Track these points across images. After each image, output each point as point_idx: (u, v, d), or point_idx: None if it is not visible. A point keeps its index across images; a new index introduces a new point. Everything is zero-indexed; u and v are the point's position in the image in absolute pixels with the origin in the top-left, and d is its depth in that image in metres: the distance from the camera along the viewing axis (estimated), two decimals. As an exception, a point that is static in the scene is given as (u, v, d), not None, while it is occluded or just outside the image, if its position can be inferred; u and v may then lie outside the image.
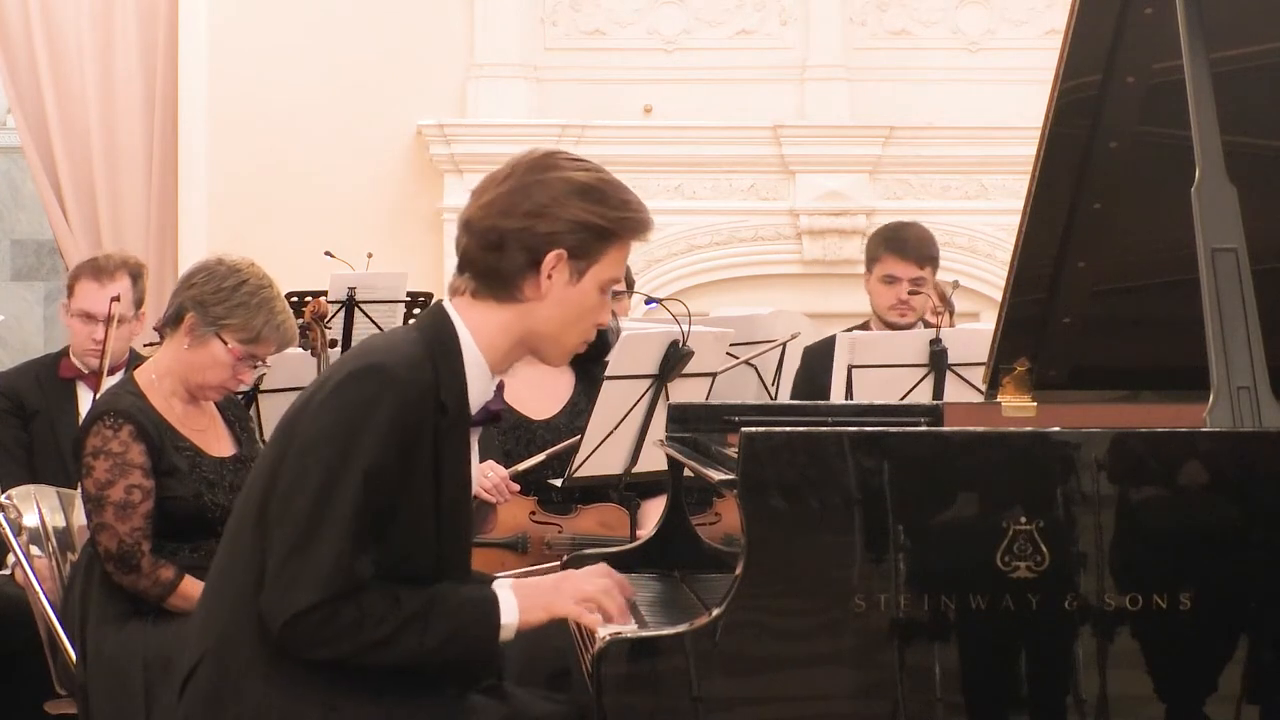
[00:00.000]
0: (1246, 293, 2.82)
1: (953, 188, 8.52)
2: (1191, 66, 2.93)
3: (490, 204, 2.79)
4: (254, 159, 8.45)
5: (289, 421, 2.80)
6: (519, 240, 2.76)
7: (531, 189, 2.77)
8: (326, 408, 2.72)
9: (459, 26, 8.52)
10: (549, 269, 2.77)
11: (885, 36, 8.57)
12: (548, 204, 2.76)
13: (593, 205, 2.78)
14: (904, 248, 5.58)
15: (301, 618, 2.66)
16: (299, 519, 2.68)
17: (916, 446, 2.67)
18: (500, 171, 2.83)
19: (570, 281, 2.78)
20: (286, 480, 2.71)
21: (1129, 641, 2.62)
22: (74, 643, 3.97)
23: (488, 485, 4.42)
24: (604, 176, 2.84)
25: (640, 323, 5.61)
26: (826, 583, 2.61)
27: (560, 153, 2.87)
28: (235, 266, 4.01)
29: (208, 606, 2.85)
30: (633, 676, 2.64)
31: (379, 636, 2.68)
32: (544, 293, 2.78)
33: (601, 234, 2.79)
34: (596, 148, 8.33)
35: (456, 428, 2.79)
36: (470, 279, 2.82)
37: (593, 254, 2.79)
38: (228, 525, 2.89)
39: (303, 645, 2.69)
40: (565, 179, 2.78)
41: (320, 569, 2.66)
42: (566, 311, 2.80)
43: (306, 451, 2.71)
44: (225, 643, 2.76)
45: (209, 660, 2.77)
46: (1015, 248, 3.31)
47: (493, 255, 2.78)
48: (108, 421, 3.89)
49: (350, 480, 2.67)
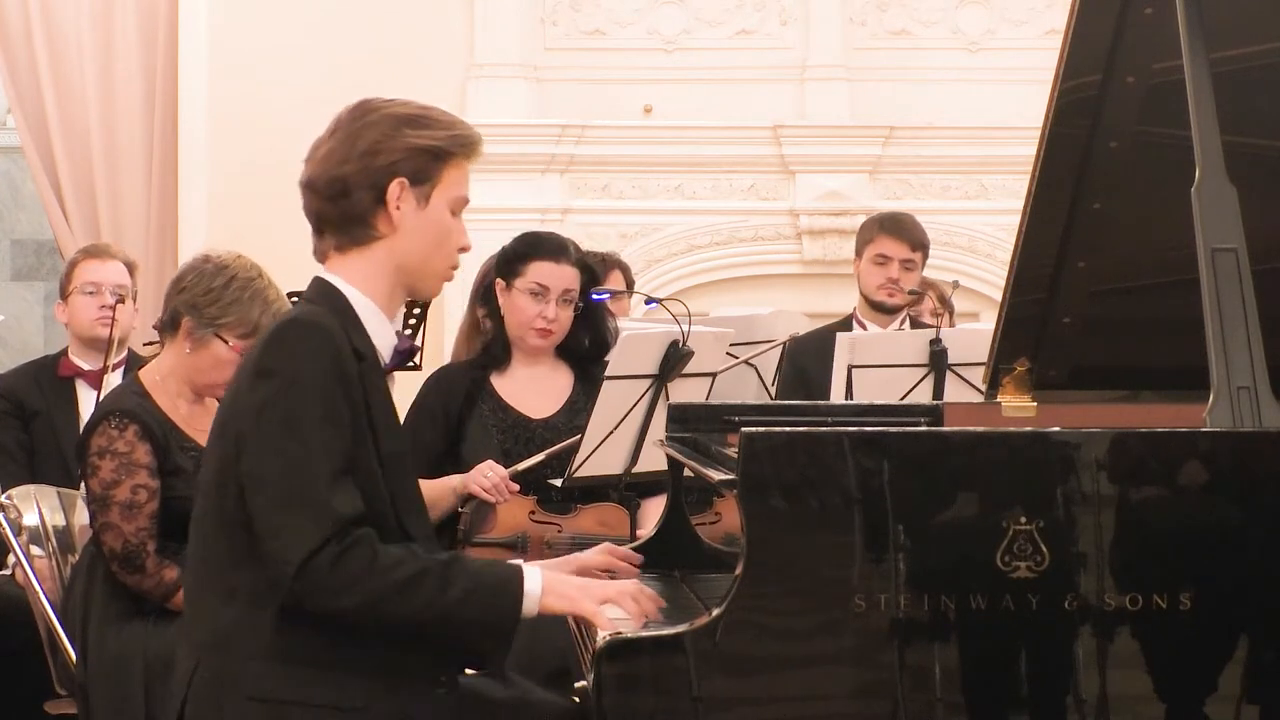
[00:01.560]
0: (1246, 293, 2.82)
1: (953, 188, 8.52)
2: (1191, 66, 2.93)
3: (325, 158, 2.90)
4: (254, 159, 8.44)
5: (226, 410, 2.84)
6: (360, 181, 2.86)
7: (359, 132, 2.88)
8: (261, 374, 2.76)
9: (459, 26, 8.52)
10: (395, 199, 2.86)
11: (885, 36, 8.56)
12: (378, 139, 2.86)
13: (420, 130, 2.88)
14: (899, 229, 5.64)
15: (313, 560, 2.66)
16: (275, 478, 2.70)
17: (916, 446, 2.67)
18: (325, 131, 2.94)
19: (419, 207, 2.87)
20: (250, 455, 2.73)
21: (1129, 641, 2.62)
22: (74, 643, 3.97)
23: (487, 485, 4.42)
24: (423, 105, 2.96)
25: (640, 323, 5.61)
26: (826, 583, 2.61)
27: (375, 98, 2.98)
28: (222, 263, 4.00)
29: (192, 614, 2.85)
30: (633, 676, 2.64)
31: (395, 579, 2.68)
32: (397, 224, 2.87)
33: (435, 154, 2.88)
34: (596, 148, 8.34)
35: (375, 373, 2.85)
36: (330, 235, 2.92)
37: (432, 176, 2.88)
38: (192, 529, 2.88)
39: (318, 595, 2.68)
40: (388, 114, 2.90)
41: (313, 506, 2.68)
42: (425, 238, 2.88)
43: (258, 418, 2.74)
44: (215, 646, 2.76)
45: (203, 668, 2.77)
46: (1015, 248, 3.31)
47: (342, 203, 2.88)
48: (113, 421, 3.90)
49: (311, 427, 2.70)
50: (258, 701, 2.72)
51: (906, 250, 5.62)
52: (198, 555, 2.84)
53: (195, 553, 2.85)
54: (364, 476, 2.76)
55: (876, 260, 5.64)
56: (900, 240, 5.63)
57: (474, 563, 2.82)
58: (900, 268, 5.61)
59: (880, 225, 5.71)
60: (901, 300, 5.63)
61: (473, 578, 2.75)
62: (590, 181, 8.43)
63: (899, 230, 5.65)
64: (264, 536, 2.71)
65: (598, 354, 4.63)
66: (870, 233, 5.71)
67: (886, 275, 5.61)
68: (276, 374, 2.75)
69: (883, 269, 5.62)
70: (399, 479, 2.84)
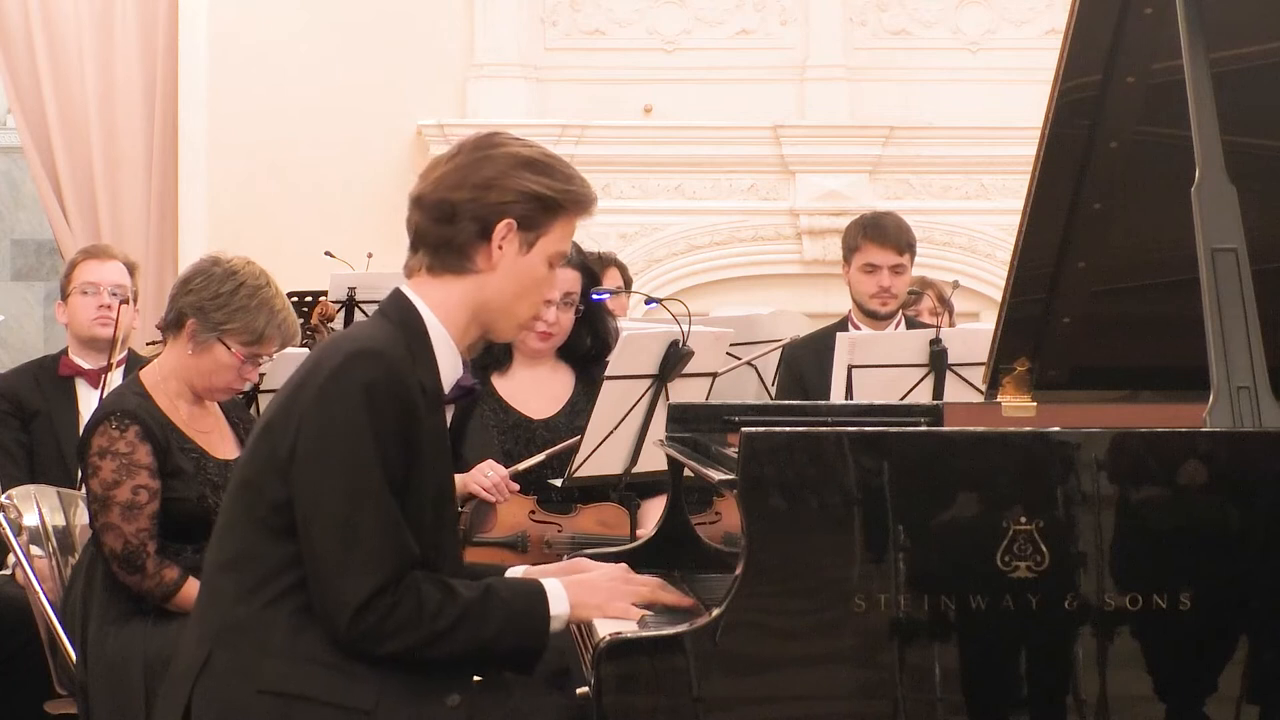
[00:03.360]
0: (1246, 293, 2.82)
1: (953, 188, 8.53)
2: (1191, 66, 2.93)
3: (440, 179, 2.87)
4: (254, 159, 8.45)
5: (274, 421, 2.81)
6: (470, 211, 2.84)
7: (480, 163, 2.86)
8: (329, 397, 2.74)
9: (459, 26, 8.53)
10: (500, 239, 2.84)
11: (885, 36, 8.57)
12: (496, 176, 2.85)
13: (539, 177, 2.87)
14: (883, 235, 5.58)
15: (366, 609, 2.68)
16: (336, 517, 2.70)
17: (916, 446, 2.66)
18: (448, 151, 2.92)
19: (520, 252, 2.86)
20: (308, 478, 2.72)
21: (1129, 641, 2.62)
22: (74, 643, 3.97)
23: (487, 485, 4.42)
24: (548, 152, 2.94)
25: (640, 323, 5.61)
26: (826, 583, 2.61)
27: (505, 133, 2.96)
28: (231, 269, 4.00)
29: (208, 605, 2.85)
30: (633, 676, 2.64)
31: (440, 627, 2.72)
32: (495, 263, 2.85)
33: (549, 205, 2.87)
34: (596, 148, 8.34)
35: (435, 409, 2.84)
36: (425, 255, 2.89)
37: (541, 225, 2.87)
38: (217, 524, 2.89)
39: (368, 642, 2.70)
40: (512, 153, 2.88)
41: (372, 554, 2.69)
42: (518, 283, 2.87)
43: (320, 444, 2.72)
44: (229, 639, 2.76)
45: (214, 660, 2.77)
46: (1015, 248, 3.31)
47: (445, 228, 2.85)
48: (114, 422, 3.89)
49: (374, 466, 2.70)
50: (268, 695, 2.72)
51: (894, 256, 5.58)
52: (221, 547, 2.84)
53: (219, 544, 2.85)
54: (411, 512, 2.76)
55: (865, 269, 5.59)
56: (886, 247, 5.57)
57: (504, 591, 2.82)
58: (890, 274, 5.58)
59: (864, 232, 5.63)
60: (895, 306, 5.62)
61: (505, 608, 2.78)
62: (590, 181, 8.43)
63: (883, 237, 5.58)
64: (318, 576, 2.72)
65: (599, 354, 4.63)
66: (855, 239, 5.64)
67: (878, 284, 5.57)
68: (345, 404, 2.72)
69: (872, 277, 5.58)
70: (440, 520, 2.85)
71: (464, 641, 2.74)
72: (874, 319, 5.61)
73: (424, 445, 2.78)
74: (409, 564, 2.72)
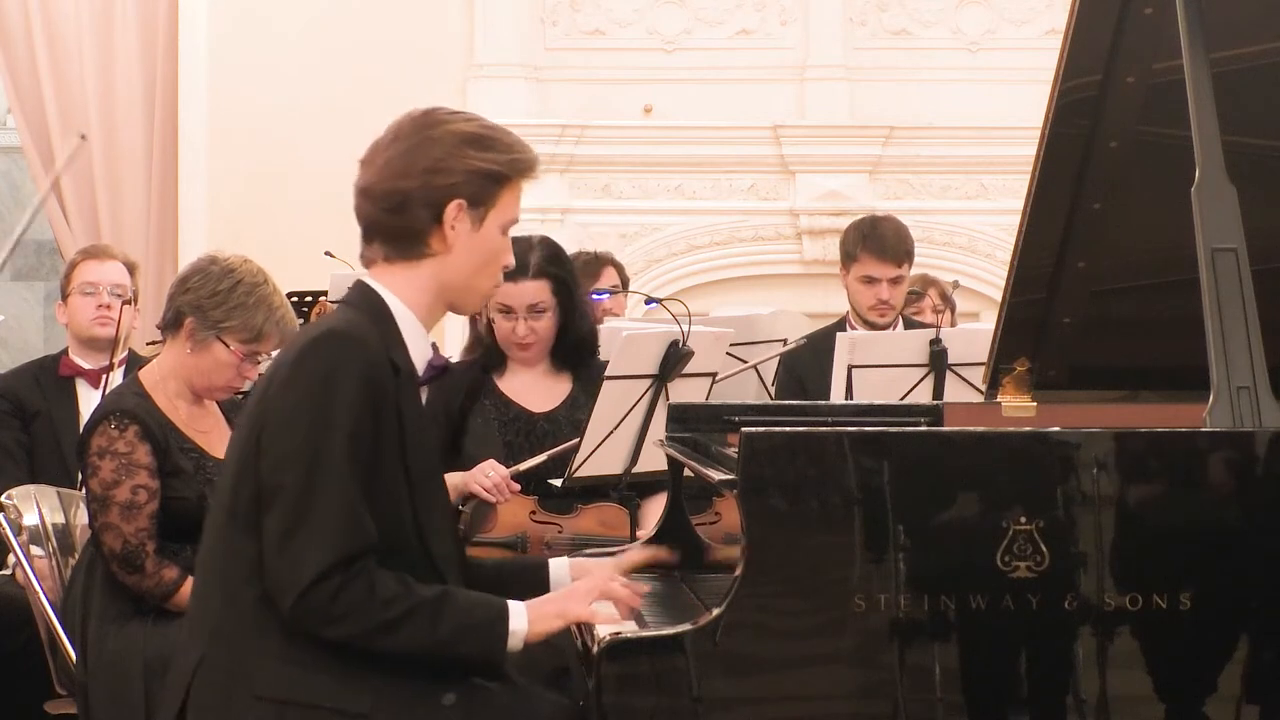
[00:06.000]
0: (1246, 293, 2.82)
1: (953, 188, 8.52)
2: (1191, 66, 2.93)
3: (384, 167, 2.87)
4: (254, 159, 8.45)
5: (253, 409, 2.83)
6: (420, 198, 2.84)
7: (423, 145, 2.86)
8: (293, 381, 2.76)
9: (459, 26, 8.53)
10: (451, 220, 2.85)
11: (885, 36, 8.57)
12: (442, 158, 2.85)
13: (484, 152, 2.87)
14: (882, 247, 5.55)
15: (313, 589, 2.67)
16: (293, 492, 2.70)
17: (916, 446, 2.67)
18: (385, 135, 2.91)
19: (473, 229, 2.87)
20: (270, 459, 2.73)
21: (1129, 641, 2.63)
22: (74, 643, 3.97)
23: (488, 485, 4.42)
24: (487, 123, 2.93)
25: (640, 323, 5.61)
26: (826, 583, 2.61)
27: (441, 108, 2.95)
28: (229, 267, 4.00)
29: (199, 607, 2.85)
30: (633, 676, 2.64)
31: (389, 617, 2.70)
32: (450, 244, 2.86)
33: (496, 178, 2.87)
34: (596, 148, 8.34)
35: (409, 387, 2.85)
36: (380, 245, 2.90)
37: (489, 199, 2.88)
38: (206, 522, 2.89)
39: (313, 621, 2.69)
40: (454, 131, 2.87)
41: (324, 533, 2.68)
42: (474, 258, 2.89)
43: (284, 425, 2.73)
44: (222, 640, 2.76)
45: (209, 662, 2.77)
46: (1015, 248, 3.31)
47: (397, 217, 2.86)
48: (113, 422, 3.89)
49: (336, 443, 2.70)
50: (264, 701, 2.72)
51: (892, 269, 5.55)
52: (211, 548, 2.84)
53: (209, 545, 2.85)
54: (388, 495, 2.76)
55: (863, 280, 5.57)
56: (885, 261, 5.53)
57: (464, 600, 2.80)
58: (888, 287, 5.56)
59: (864, 243, 5.58)
60: (893, 317, 5.62)
61: (461, 615, 2.77)
62: (590, 181, 8.43)
63: (882, 250, 5.54)
64: (270, 551, 2.71)
65: (588, 351, 4.64)
66: (854, 248, 5.60)
67: (876, 296, 5.56)
68: (308, 385, 2.74)
69: (871, 289, 5.57)
70: (426, 498, 2.85)
71: (413, 637, 2.72)
72: (872, 327, 5.60)
73: (398, 423, 2.78)
74: (364, 548, 2.71)
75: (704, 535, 3.65)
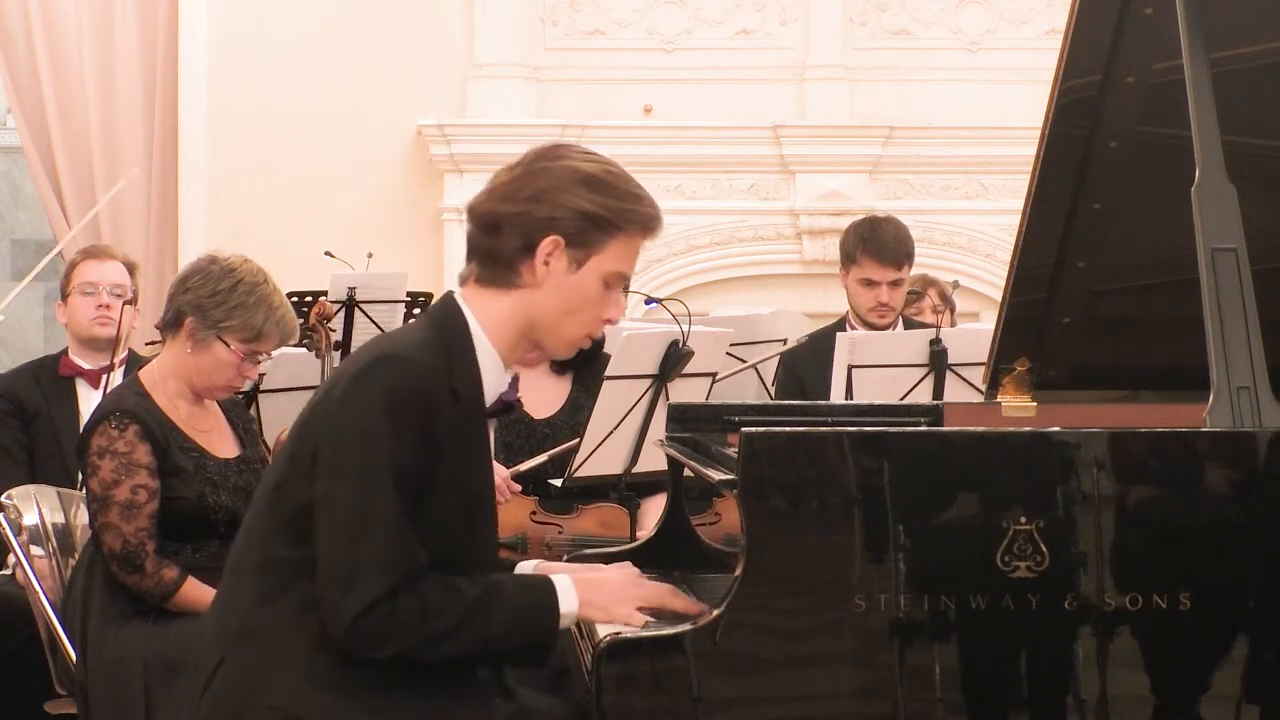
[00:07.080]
0: (1246, 293, 2.82)
1: (953, 188, 8.52)
2: (1191, 66, 2.93)
3: (494, 190, 2.82)
4: (254, 159, 8.45)
5: (305, 423, 2.80)
6: (515, 224, 2.77)
7: (535, 175, 2.79)
8: (345, 403, 2.72)
9: (459, 26, 8.53)
10: (544, 254, 2.77)
11: (885, 36, 8.57)
12: (547, 190, 2.77)
13: (594, 194, 2.78)
14: (881, 250, 5.54)
15: (367, 614, 2.65)
16: (344, 518, 2.67)
17: (916, 446, 2.67)
18: (513, 162, 2.85)
19: (569, 270, 2.78)
20: (323, 482, 2.71)
21: (1129, 641, 2.63)
22: (74, 643, 3.97)
23: (488, 485, 4.42)
24: (612, 169, 2.84)
25: (640, 323, 5.61)
26: (826, 583, 2.61)
27: (573, 145, 2.89)
28: (229, 266, 4.00)
29: (226, 608, 2.83)
30: (633, 676, 2.64)
31: (442, 628, 2.68)
32: (540, 279, 2.78)
33: (601, 224, 2.78)
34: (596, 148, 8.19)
35: (472, 416, 2.79)
36: (474, 264, 2.83)
37: (592, 244, 2.78)
38: (242, 526, 2.88)
39: (368, 645, 2.67)
40: (570, 167, 2.80)
41: (377, 560, 2.66)
42: (565, 300, 2.79)
43: (336, 451, 2.70)
44: (248, 640, 2.75)
45: (231, 661, 2.76)
46: (1015, 248, 3.31)
47: (490, 238, 2.80)
48: (113, 421, 3.89)
49: (386, 470, 2.67)
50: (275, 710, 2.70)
51: (892, 272, 5.55)
52: (246, 549, 2.82)
53: (244, 548, 2.83)
54: (436, 512, 2.73)
55: (862, 283, 5.57)
56: (885, 265, 5.53)
57: (509, 587, 2.78)
58: (888, 290, 5.56)
59: (863, 245, 5.57)
60: (893, 318, 5.62)
61: (510, 605, 2.74)
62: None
63: (882, 254, 5.53)
64: (324, 575, 2.69)
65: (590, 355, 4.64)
66: (854, 250, 5.59)
67: (875, 299, 5.56)
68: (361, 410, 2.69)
69: (871, 292, 5.56)
70: (476, 517, 2.82)
71: (467, 641, 2.71)
72: (872, 327, 5.60)
73: (452, 450, 2.73)
74: (414, 573, 2.69)
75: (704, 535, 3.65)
